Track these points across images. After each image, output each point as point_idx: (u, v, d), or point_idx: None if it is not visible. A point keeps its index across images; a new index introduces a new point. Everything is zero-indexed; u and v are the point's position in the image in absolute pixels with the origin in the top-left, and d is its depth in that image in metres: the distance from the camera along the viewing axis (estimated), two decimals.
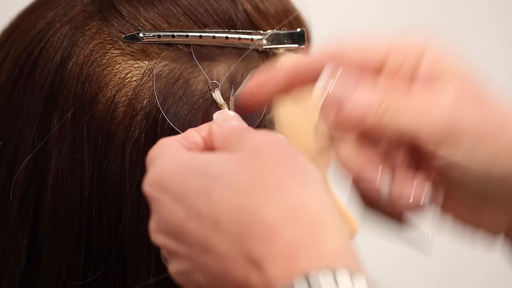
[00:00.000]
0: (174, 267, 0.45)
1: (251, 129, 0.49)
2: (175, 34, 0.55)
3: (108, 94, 0.54)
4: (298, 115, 0.60)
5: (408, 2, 1.36)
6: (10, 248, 0.56)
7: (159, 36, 0.55)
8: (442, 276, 1.41)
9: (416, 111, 0.45)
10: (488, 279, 1.42)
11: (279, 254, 0.40)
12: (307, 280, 0.39)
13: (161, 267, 0.53)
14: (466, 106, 0.46)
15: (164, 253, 0.47)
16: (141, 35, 0.55)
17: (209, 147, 0.50)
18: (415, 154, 0.46)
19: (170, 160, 0.46)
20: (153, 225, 0.46)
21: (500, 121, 0.46)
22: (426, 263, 1.40)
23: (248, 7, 0.58)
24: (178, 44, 0.56)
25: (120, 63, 0.55)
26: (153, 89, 0.54)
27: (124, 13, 0.56)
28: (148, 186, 0.46)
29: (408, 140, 0.45)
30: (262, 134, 0.46)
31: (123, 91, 0.55)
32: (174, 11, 0.57)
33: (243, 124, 0.51)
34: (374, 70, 0.47)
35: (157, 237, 0.46)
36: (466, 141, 0.45)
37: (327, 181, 0.69)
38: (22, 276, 0.56)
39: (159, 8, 0.57)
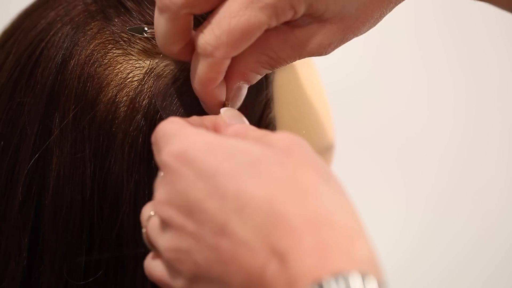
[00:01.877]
0: (170, 242, 0.44)
1: (266, 131, 0.48)
2: None
3: (110, 94, 0.54)
4: (298, 116, 0.60)
5: (408, 2, 1.36)
6: (12, 248, 0.56)
7: None
8: (442, 276, 1.42)
9: None
10: (488, 278, 1.42)
11: (309, 251, 0.39)
12: (336, 280, 0.38)
13: None
14: None
15: (156, 225, 0.46)
16: (145, 29, 0.55)
17: None
18: None
19: (198, 136, 0.45)
20: (163, 195, 0.45)
21: None
22: (427, 263, 1.40)
23: None
24: None
25: (121, 63, 0.55)
26: (153, 89, 0.54)
27: (128, 8, 0.56)
28: (170, 156, 0.44)
29: None
30: (289, 135, 0.45)
31: (124, 91, 0.54)
32: None
33: (247, 124, 0.51)
34: None
35: (164, 208, 0.44)
36: None
37: None
38: (24, 276, 0.56)
39: None
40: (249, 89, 0.54)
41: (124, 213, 0.54)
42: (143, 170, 0.54)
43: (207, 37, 0.49)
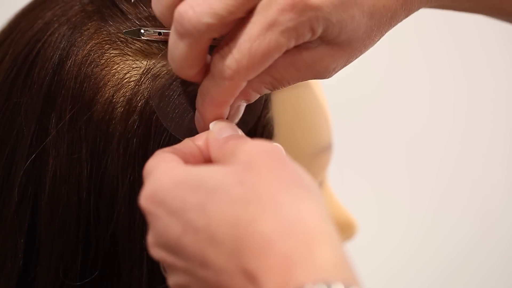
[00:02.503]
0: (173, 281, 0.45)
1: (246, 139, 0.49)
2: None
3: (107, 95, 0.54)
4: (295, 116, 0.60)
5: None
6: (8, 248, 0.56)
7: (160, 34, 0.55)
8: (442, 277, 1.41)
9: None
10: (488, 278, 1.42)
11: (274, 268, 0.40)
12: None
13: (154, 269, 0.53)
14: None
15: (163, 266, 0.47)
16: (142, 31, 0.55)
17: (206, 157, 0.50)
18: None
19: (166, 174, 0.46)
20: (150, 239, 0.46)
21: None
22: (427, 264, 1.40)
23: None
24: None
25: (118, 63, 0.55)
26: (149, 90, 0.54)
27: (124, 11, 0.56)
28: (145, 200, 0.46)
29: None
30: (257, 145, 0.46)
31: (121, 92, 0.54)
32: None
33: (237, 133, 0.51)
34: None
35: (155, 251, 0.46)
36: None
37: (326, 182, 0.69)
38: (20, 276, 0.56)
39: None
40: None
41: (119, 213, 0.54)
42: (138, 171, 0.54)
43: (228, 61, 0.48)
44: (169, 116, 0.54)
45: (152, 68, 0.55)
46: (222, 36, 0.49)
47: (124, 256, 0.54)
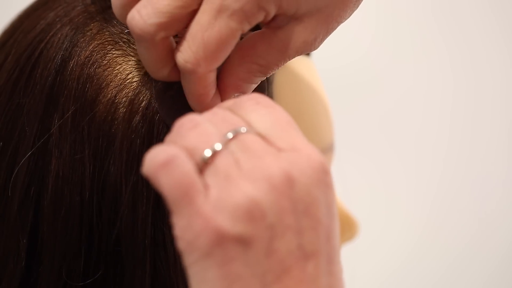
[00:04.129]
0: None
1: None
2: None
3: (109, 95, 0.54)
4: (298, 116, 0.60)
5: (408, 2, 1.36)
6: (10, 248, 0.56)
7: None
8: (443, 277, 1.42)
9: None
10: (488, 279, 1.42)
11: None
12: None
13: (157, 269, 0.53)
14: None
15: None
16: None
17: None
18: None
19: None
20: None
21: None
22: (427, 264, 1.40)
23: None
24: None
25: (120, 64, 0.55)
26: (152, 90, 0.54)
27: None
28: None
29: None
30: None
31: (123, 92, 0.54)
32: None
33: None
34: None
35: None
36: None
37: None
38: (22, 277, 0.56)
39: None
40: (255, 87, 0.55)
41: (123, 214, 0.54)
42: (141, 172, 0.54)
43: (185, 55, 0.49)
44: (173, 117, 0.54)
45: None
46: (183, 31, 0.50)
47: (127, 256, 0.54)
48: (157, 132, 0.54)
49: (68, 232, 0.54)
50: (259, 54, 0.51)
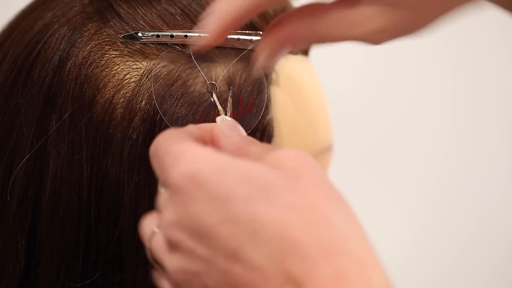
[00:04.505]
0: (178, 264, 0.44)
1: (270, 145, 0.48)
2: (174, 34, 0.55)
3: (107, 96, 0.54)
4: (296, 116, 0.60)
5: None
6: (9, 249, 0.56)
7: (157, 36, 0.55)
8: (443, 277, 1.42)
9: None
10: (488, 279, 1.42)
11: (326, 280, 0.39)
12: None
13: None
14: None
15: (161, 244, 0.46)
16: (139, 34, 0.55)
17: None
18: None
19: (208, 158, 0.44)
20: (171, 217, 0.44)
21: None
22: (427, 265, 1.40)
23: None
24: (177, 44, 0.56)
25: (118, 64, 0.55)
26: (151, 91, 0.54)
27: (122, 14, 0.56)
28: (181, 177, 0.43)
29: None
30: (295, 153, 0.45)
31: (121, 93, 0.54)
32: (172, 11, 0.57)
33: (244, 133, 0.51)
34: None
35: (172, 230, 0.44)
36: None
37: None
38: (21, 277, 0.56)
39: (157, 8, 0.57)
40: (251, 88, 0.54)
41: (125, 215, 0.54)
42: (144, 172, 0.54)
43: None
44: (173, 116, 0.54)
45: (152, 69, 0.55)
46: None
47: (128, 257, 0.54)
48: (158, 131, 0.54)
49: (66, 233, 0.54)
50: (327, 21, 0.49)
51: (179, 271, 0.44)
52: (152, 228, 0.47)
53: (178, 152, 0.45)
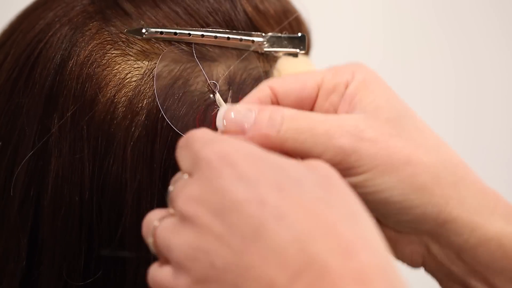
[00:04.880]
0: (189, 239, 0.43)
1: None
2: (177, 31, 0.55)
3: (108, 95, 0.54)
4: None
5: (410, 2, 1.36)
6: (11, 248, 0.56)
7: (161, 33, 0.55)
8: None
9: (320, 135, 0.49)
10: None
11: (350, 272, 0.40)
12: None
13: None
14: (371, 135, 0.50)
15: (171, 223, 0.45)
16: (143, 31, 0.55)
17: None
18: None
19: (242, 144, 0.45)
20: (195, 191, 0.44)
21: (406, 153, 0.51)
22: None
23: (248, 7, 0.58)
24: (180, 42, 0.56)
25: (120, 64, 0.55)
26: (153, 90, 0.54)
27: (127, 11, 0.56)
28: (213, 155, 0.44)
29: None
30: (326, 164, 0.46)
31: (123, 92, 0.55)
32: (177, 9, 0.57)
33: None
34: (310, 103, 0.54)
35: (191, 204, 0.44)
36: (365, 166, 0.49)
37: None
38: (23, 276, 0.56)
39: (161, 7, 0.57)
40: (251, 88, 0.55)
41: (127, 214, 0.54)
42: (146, 171, 0.54)
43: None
44: (175, 115, 0.54)
45: (153, 68, 0.55)
46: None
47: (130, 256, 0.54)
48: (160, 129, 0.54)
49: (68, 232, 0.54)
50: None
51: (189, 247, 0.43)
52: (158, 215, 0.47)
53: (210, 138, 0.46)
